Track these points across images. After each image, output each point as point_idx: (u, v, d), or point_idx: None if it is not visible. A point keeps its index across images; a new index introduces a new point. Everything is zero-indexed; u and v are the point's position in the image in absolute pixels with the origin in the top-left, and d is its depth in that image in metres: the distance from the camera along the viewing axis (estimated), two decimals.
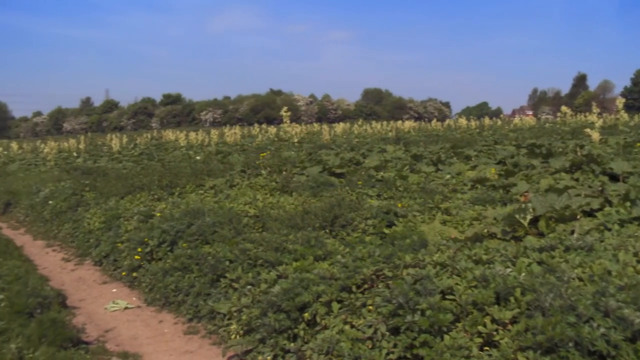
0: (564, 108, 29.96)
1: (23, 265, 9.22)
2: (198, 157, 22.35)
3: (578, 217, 6.93)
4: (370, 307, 4.79)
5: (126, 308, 7.64)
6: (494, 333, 4.00)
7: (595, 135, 15.06)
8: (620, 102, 18.46)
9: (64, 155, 33.69)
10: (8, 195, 17.88)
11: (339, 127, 49.96)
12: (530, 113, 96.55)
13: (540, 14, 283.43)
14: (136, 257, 8.41)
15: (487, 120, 56.81)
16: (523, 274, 4.44)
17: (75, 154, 34.15)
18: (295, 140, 26.30)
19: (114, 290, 8.56)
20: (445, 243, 6.52)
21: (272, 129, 48.60)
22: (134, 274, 8.45)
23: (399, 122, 62.67)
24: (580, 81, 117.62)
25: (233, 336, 5.72)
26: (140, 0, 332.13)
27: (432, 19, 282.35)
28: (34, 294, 7.03)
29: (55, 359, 5.30)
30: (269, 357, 5.16)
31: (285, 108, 18.67)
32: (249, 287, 6.05)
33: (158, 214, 9.58)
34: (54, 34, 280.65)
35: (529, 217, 6.88)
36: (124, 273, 8.74)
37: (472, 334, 4.06)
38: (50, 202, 14.19)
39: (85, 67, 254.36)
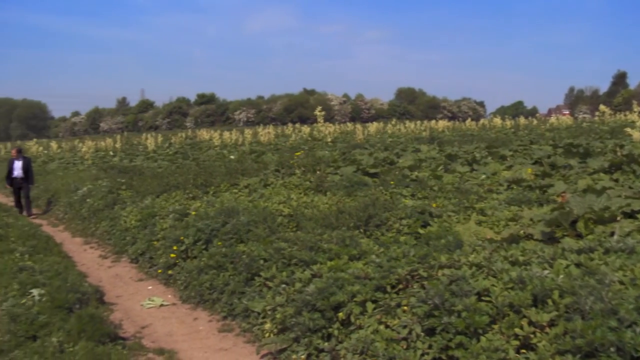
0: (602, 107, 29.43)
1: (62, 262, 9.39)
2: (232, 157, 22.50)
3: (618, 218, 6.78)
4: (405, 308, 4.76)
5: (162, 305, 7.72)
6: (531, 336, 3.94)
7: (636, 135, 14.71)
8: None
9: (100, 154, 34.23)
10: (48, 193, 18.24)
11: (373, 126, 49.78)
12: (567, 112, 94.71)
13: (578, 10, 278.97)
14: (172, 255, 8.49)
15: (522, 120, 56.07)
16: (561, 276, 4.36)
17: (111, 153, 34.66)
18: (329, 139, 26.28)
19: (150, 287, 8.66)
20: (480, 244, 6.45)
21: (306, 129, 48.67)
22: (170, 272, 8.53)
23: (433, 121, 62.17)
24: (620, 79, 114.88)
25: (267, 334, 5.74)
26: (176, 0, 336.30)
27: (466, 17, 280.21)
28: (73, 289, 7.16)
29: (94, 354, 5.38)
30: (302, 356, 5.17)
31: (319, 108, 18.69)
32: (283, 285, 6.07)
33: (193, 213, 9.66)
34: (91, 35, 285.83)
35: (569, 219, 6.76)
36: (159, 271, 8.83)
37: (509, 336, 4.01)
38: (88, 200, 14.43)
39: (121, 68, 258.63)
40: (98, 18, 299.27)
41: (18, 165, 16.96)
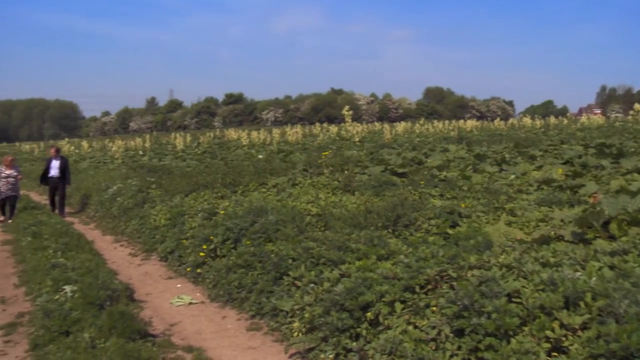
0: (637, 106, 28.90)
1: (93, 259, 9.52)
2: (260, 156, 22.60)
3: None
4: (434, 308, 4.74)
5: (190, 303, 7.78)
6: (563, 339, 3.89)
7: None
8: None
9: (130, 153, 34.65)
10: (79, 192, 18.51)
11: (401, 126, 49.66)
12: (599, 111, 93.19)
13: (610, 7, 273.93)
14: (201, 253, 8.55)
15: (552, 119, 55.41)
16: (594, 279, 4.30)
17: (141, 153, 35.07)
18: (357, 139, 26.23)
19: (179, 285, 8.73)
20: (510, 245, 6.38)
21: (333, 128, 48.72)
22: (198, 270, 8.58)
23: (461, 121, 61.71)
24: None
25: (295, 334, 5.75)
26: (204, 1, 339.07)
27: (495, 16, 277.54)
28: (104, 286, 7.26)
29: (124, 350, 5.45)
30: (331, 356, 5.17)
31: (347, 107, 18.65)
32: (311, 285, 6.08)
33: (222, 212, 9.71)
34: (121, 36, 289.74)
35: (601, 219, 6.65)
36: (188, 269, 8.89)
37: (540, 338, 3.96)
38: (118, 198, 14.62)
39: (150, 68, 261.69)
40: (128, 19, 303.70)
41: (55, 164, 16.76)
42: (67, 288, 7.40)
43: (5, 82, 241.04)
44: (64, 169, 16.78)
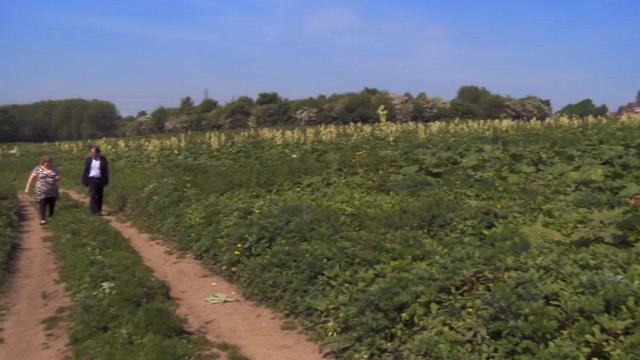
0: None
1: (130, 257, 9.68)
2: (294, 155, 22.66)
3: None
4: (470, 310, 4.69)
5: (225, 301, 7.83)
6: (604, 343, 3.81)
7: None
8: None
9: (165, 152, 35.05)
10: (116, 190, 18.77)
11: (435, 125, 49.29)
12: None
13: None
14: (236, 252, 8.60)
15: (591, 119, 54.40)
16: (636, 282, 4.21)
17: (176, 152, 35.45)
18: (391, 139, 26.14)
19: (214, 283, 8.79)
20: (548, 246, 6.29)
21: (367, 128, 48.65)
22: (233, 269, 8.63)
23: (496, 120, 61.00)
24: None
25: (330, 333, 5.75)
26: (238, 1, 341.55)
27: (532, 14, 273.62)
28: (141, 283, 7.38)
29: (161, 346, 5.52)
30: (365, 356, 5.16)
31: (382, 107, 18.56)
32: (346, 285, 6.07)
33: (257, 211, 9.76)
34: (156, 38, 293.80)
35: None
36: (223, 267, 8.95)
37: (579, 342, 3.89)
38: (154, 197, 14.77)
39: (185, 68, 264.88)
40: (163, 21, 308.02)
41: (96, 164, 16.51)
42: (105, 285, 7.54)
43: (46, 83, 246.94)
44: (104, 169, 16.64)
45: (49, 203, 15.52)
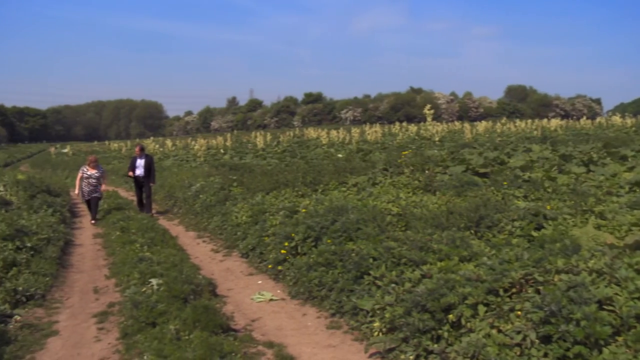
0: None
1: (178, 254, 9.81)
2: (340, 155, 22.67)
3: None
4: (519, 313, 4.62)
5: (271, 300, 7.88)
6: None
7: None
8: None
9: (212, 152, 35.48)
10: (164, 189, 19.08)
11: (481, 125, 48.66)
12: None
13: None
14: (282, 251, 8.65)
15: None
16: None
17: (222, 151, 35.85)
18: (437, 138, 25.91)
19: (260, 282, 8.86)
20: (600, 249, 6.12)
21: (413, 128, 48.30)
22: (279, 267, 8.68)
23: (545, 120, 59.81)
24: None
25: (376, 333, 5.74)
26: (283, 2, 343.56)
27: (581, 10, 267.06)
28: (188, 281, 7.48)
29: (208, 343, 5.59)
30: (411, 357, 5.13)
31: (428, 106, 18.44)
32: (392, 285, 6.04)
33: (303, 210, 9.79)
34: (202, 38, 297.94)
35: None
36: (269, 266, 9.00)
37: (636, 350, 3.78)
38: (201, 196, 14.95)
39: (231, 69, 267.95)
40: (210, 22, 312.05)
41: (141, 163, 16.23)
42: (153, 281, 7.68)
43: (97, 84, 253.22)
44: (149, 167, 16.28)
45: (92, 203, 15.21)
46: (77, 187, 15.30)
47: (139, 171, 16.16)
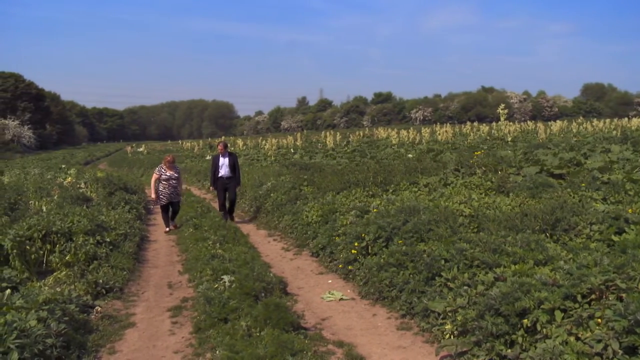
0: None
1: (249, 252, 9.99)
2: (410, 155, 22.49)
3: None
4: (599, 320, 4.45)
5: (341, 299, 7.90)
6: None
7: None
8: None
9: (282, 151, 35.88)
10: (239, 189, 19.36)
11: (556, 125, 47.16)
12: None
13: None
14: (352, 251, 8.66)
15: None
16: None
17: (292, 151, 36.19)
18: (509, 138, 25.31)
19: (330, 281, 8.90)
20: None
21: (484, 127, 47.38)
22: (349, 267, 8.70)
23: (625, 119, 57.46)
24: None
25: (447, 336, 5.67)
26: (353, 2, 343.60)
27: None
28: (259, 278, 7.61)
29: (279, 340, 5.66)
30: None
31: (502, 105, 18.09)
32: (465, 287, 5.95)
33: (374, 210, 9.77)
34: (273, 39, 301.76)
35: None
36: (339, 265, 9.03)
37: None
38: (272, 194, 15.11)
39: (301, 69, 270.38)
40: (281, 23, 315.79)
41: (225, 162, 14.71)
42: (226, 278, 7.85)
43: (171, 85, 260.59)
44: (234, 166, 14.80)
45: (171, 208, 14.07)
46: (152, 189, 13.85)
47: (223, 171, 14.68)
